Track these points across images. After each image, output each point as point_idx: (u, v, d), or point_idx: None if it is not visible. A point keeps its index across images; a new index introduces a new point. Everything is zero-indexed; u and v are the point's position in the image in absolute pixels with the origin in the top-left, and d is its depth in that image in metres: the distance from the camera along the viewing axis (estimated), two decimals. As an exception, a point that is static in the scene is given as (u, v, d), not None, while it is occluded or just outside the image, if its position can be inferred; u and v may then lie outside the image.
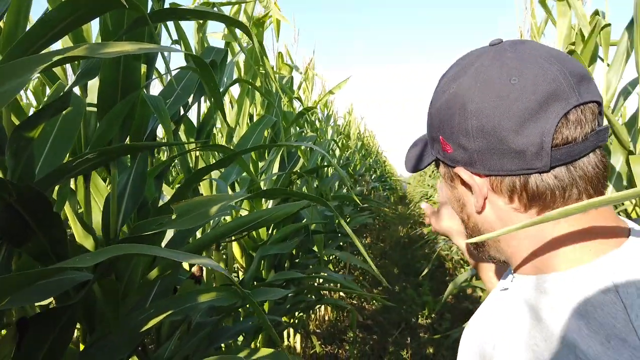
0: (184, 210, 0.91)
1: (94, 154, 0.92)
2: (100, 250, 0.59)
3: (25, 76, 0.58)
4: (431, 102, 0.58)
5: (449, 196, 0.61)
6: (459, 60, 0.56)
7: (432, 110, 0.57)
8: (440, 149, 0.57)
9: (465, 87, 0.51)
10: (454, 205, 0.61)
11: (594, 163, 0.49)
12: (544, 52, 0.50)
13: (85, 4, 0.81)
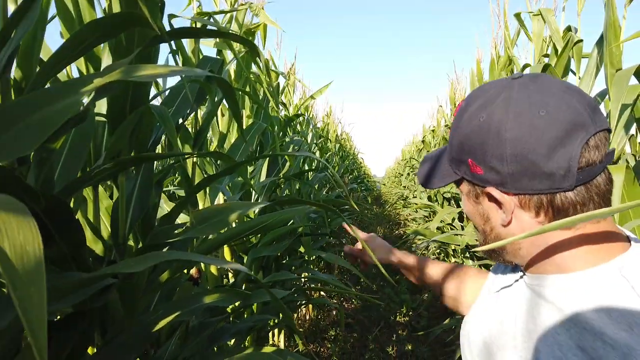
0: (202, 217, 0.97)
1: (110, 164, 0.97)
2: (143, 257, 0.65)
3: (74, 97, 0.63)
4: (457, 127, 0.65)
5: (471, 210, 0.69)
6: (480, 91, 0.64)
7: (459, 136, 0.64)
8: (467, 171, 0.65)
9: (498, 117, 0.58)
10: (476, 218, 0.69)
11: (605, 181, 0.59)
12: (560, 85, 0.59)
13: (110, 24, 0.86)
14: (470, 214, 0.70)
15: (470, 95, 0.66)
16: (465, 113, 0.64)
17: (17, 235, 0.38)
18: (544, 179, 0.57)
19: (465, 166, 0.65)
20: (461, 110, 0.65)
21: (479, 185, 0.64)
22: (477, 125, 0.61)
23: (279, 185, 2.75)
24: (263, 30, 2.79)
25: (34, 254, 0.38)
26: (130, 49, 1.06)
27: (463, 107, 0.65)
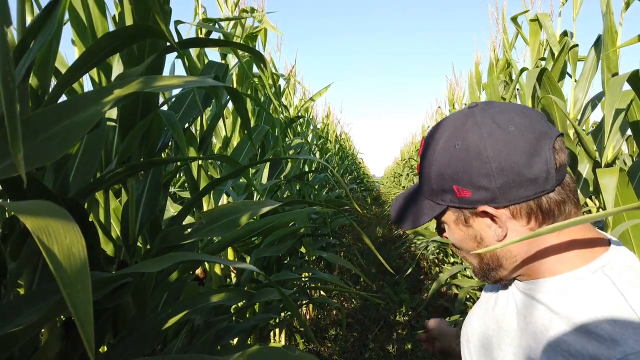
0: (213, 218, 1.01)
1: (123, 168, 1.01)
2: (161, 257, 0.69)
3: (96, 108, 0.67)
4: (432, 161, 0.68)
5: (461, 237, 0.70)
6: (442, 126, 0.69)
7: (437, 168, 0.67)
8: (453, 198, 0.67)
9: (474, 139, 0.63)
10: (468, 244, 0.70)
11: (571, 179, 0.65)
12: (514, 105, 0.66)
13: (123, 36, 0.90)
14: (460, 242, 0.71)
15: (431, 132, 0.70)
16: (435, 146, 0.68)
17: (64, 239, 0.42)
18: (530, 185, 0.62)
19: (450, 194, 0.67)
20: (427, 145, 0.69)
21: (468, 208, 0.67)
22: (454, 152, 0.65)
23: (280, 186, 2.79)
24: (264, 34, 2.84)
25: (79, 255, 0.42)
26: (141, 58, 1.10)
27: (429, 142, 0.69)
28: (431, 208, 0.70)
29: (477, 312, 0.83)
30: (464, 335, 0.85)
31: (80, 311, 0.38)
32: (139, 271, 0.71)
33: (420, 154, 0.71)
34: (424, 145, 0.71)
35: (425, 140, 0.71)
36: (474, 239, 0.69)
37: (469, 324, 0.85)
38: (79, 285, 0.40)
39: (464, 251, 0.72)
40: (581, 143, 1.88)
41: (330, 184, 5.14)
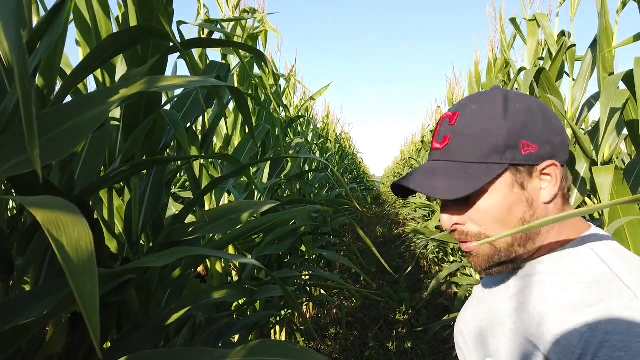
0: (215, 216, 1.03)
1: (126, 167, 1.03)
2: (166, 252, 0.71)
3: (103, 107, 0.69)
4: (486, 123, 0.67)
5: (511, 203, 0.67)
6: (485, 94, 0.72)
7: (498, 126, 0.67)
8: (517, 154, 0.66)
9: (531, 102, 0.69)
10: (518, 209, 0.68)
11: None
12: None
13: (128, 37, 0.92)
14: (504, 209, 0.68)
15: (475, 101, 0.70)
16: (488, 108, 0.69)
17: (72, 232, 0.44)
18: (566, 151, 0.68)
19: (515, 151, 0.66)
20: (472, 110, 0.69)
21: (530, 165, 0.67)
22: (521, 111, 0.67)
23: (280, 185, 2.81)
24: (264, 35, 2.86)
25: (86, 248, 0.44)
26: (145, 59, 1.12)
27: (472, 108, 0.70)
28: (487, 171, 0.67)
29: (469, 308, 0.85)
30: (459, 332, 0.86)
31: (87, 302, 0.40)
32: (143, 266, 0.73)
33: (454, 124, 0.69)
34: (460, 114, 0.69)
35: (464, 108, 0.69)
36: (525, 202, 0.68)
37: (461, 320, 0.87)
38: (86, 277, 0.42)
39: (503, 222, 0.68)
40: (578, 142, 1.89)
41: (331, 184, 5.16)
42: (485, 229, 0.68)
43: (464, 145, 0.68)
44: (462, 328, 0.85)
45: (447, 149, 0.69)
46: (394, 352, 3.80)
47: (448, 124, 0.70)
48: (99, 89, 0.83)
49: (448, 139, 0.69)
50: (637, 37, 1.20)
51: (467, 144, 0.68)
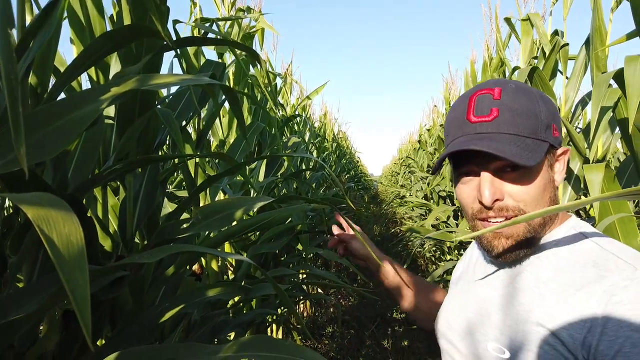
0: (208, 212, 1.03)
1: (121, 165, 1.04)
2: (157, 249, 0.71)
3: (95, 105, 0.70)
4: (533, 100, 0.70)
5: (545, 182, 0.71)
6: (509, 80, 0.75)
7: (542, 106, 0.70)
8: (551, 135, 0.70)
9: (543, 93, 0.73)
10: (547, 189, 0.71)
11: None
12: None
13: (121, 35, 0.93)
14: (540, 186, 0.70)
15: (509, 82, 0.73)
16: (536, 93, 0.72)
17: (63, 228, 0.44)
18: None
19: (550, 132, 0.70)
20: (517, 87, 0.72)
21: (556, 148, 0.73)
22: (541, 98, 0.71)
23: (277, 184, 2.81)
24: (261, 34, 2.86)
25: (77, 244, 0.44)
26: (139, 57, 1.12)
27: (516, 85, 0.72)
28: (540, 145, 0.69)
29: (453, 301, 0.87)
30: (443, 325, 0.87)
31: (78, 296, 0.41)
32: (135, 262, 0.74)
33: (500, 98, 0.70)
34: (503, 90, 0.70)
35: (505, 86, 0.71)
36: (550, 183, 0.72)
37: (445, 312, 0.88)
38: (77, 272, 0.42)
39: (538, 199, 0.70)
40: (572, 141, 1.90)
41: (328, 182, 5.17)
42: (525, 205, 0.69)
43: (515, 119, 0.68)
44: (447, 320, 0.85)
45: (498, 122, 0.69)
46: (390, 350, 3.81)
47: (492, 98, 0.70)
48: (91, 87, 0.84)
49: (497, 111, 0.69)
50: (630, 35, 1.21)
51: (519, 118, 0.68)
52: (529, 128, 0.68)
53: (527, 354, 0.66)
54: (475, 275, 0.84)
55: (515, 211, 0.69)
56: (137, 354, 0.78)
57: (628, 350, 0.57)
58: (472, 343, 0.77)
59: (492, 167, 0.70)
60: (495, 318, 0.73)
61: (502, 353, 0.69)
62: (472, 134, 0.70)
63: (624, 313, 0.58)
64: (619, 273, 0.62)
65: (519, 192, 0.69)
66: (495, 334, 0.72)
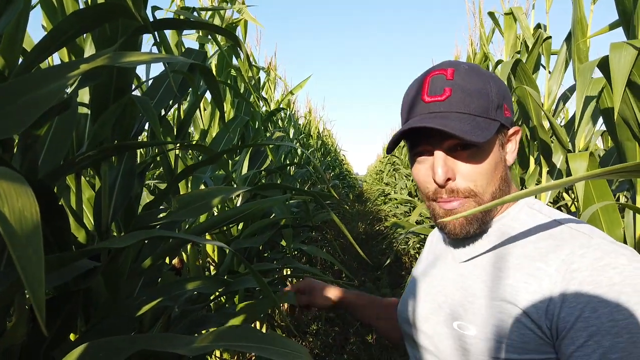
0: (185, 201, 1.00)
1: (94, 151, 0.99)
2: (129, 234, 0.68)
3: (61, 82, 0.66)
4: (485, 80, 0.72)
5: (496, 161, 0.73)
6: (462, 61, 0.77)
7: (492, 84, 0.72)
8: (502, 115, 0.73)
9: (494, 74, 0.76)
10: (498, 167, 0.73)
11: None
12: None
13: (93, 15, 0.88)
14: (491, 165, 0.72)
15: (461, 63, 0.75)
16: (486, 73, 0.74)
17: (16, 202, 0.41)
18: None
19: (501, 111, 0.72)
20: (470, 67, 0.74)
21: (507, 128, 0.75)
22: (493, 78, 0.74)
23: (260, 179, 2.78)
24: (243, 26, 2.82)
25: (31, 219, 0.41)
26: (114, 40, 1.08)
27: (468, 66, 0.74)
28: (491, 124, 0.71)
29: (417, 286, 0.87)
30: (408, 310, 0.86)
31: (31, 276, 0.37)
32: (107, 247, 0.70)
33: (452, 78, 0.71)
34: (456, 70, 0.72)
35: (458, 66, 0.73)
36: (502, 162, 0.74)
37: (409, 298, 0.87)
38: (31, 249, 0.39)
39: (489, 178, 0.72)
40: (555, 134, 1.91)
41: (312, 179, 5.14)
42: (475, 185, 0.71)
43: (467, 98, 0.70)
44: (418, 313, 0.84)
45: (450, 101, 0.70)
46: (375, 347, 3.80)
47: (445, 78, 0.72)
48: (58, 64, 0.80)
49: (449, 91, 0.71)
50: (612, 25, 1.21)
51: (470, 98, 0.70)
52: (480, 107, 0.70)
53: (491, 328, 0.67)
54: (435, 258, 0.86)
55: (465, 193, 0.72)
56: (108, 345, 0.75)
57: (588, 315, 0.59)
58: (437, 323, 0.77)
59: (445, 146, 0.72)
60: (458, 296, 0.75)
61: (467, 330, 0.70)
62: (426, 114, 0.72)
63: (582, 279, 0.60)
64: (575, 242, 0.65)
65: (471, 170, 0.71)
66: (459, 312, 0.73)
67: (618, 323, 0.57)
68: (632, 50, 1.05)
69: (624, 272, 0.59)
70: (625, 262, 0.60)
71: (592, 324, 0.58)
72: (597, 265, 0.61)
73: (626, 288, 0.58)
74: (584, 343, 0.59)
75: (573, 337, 0.60)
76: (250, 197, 2.26)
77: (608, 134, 2.08)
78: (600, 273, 0.60)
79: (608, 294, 0.58)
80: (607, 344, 0.57)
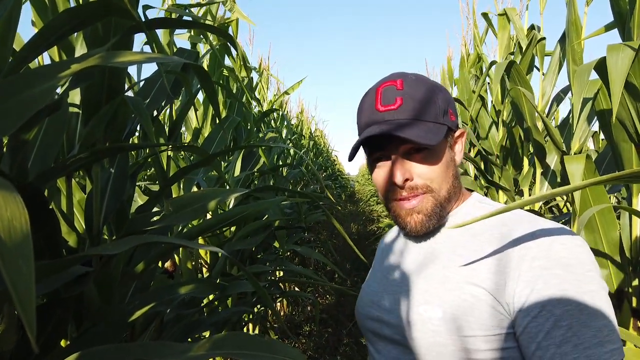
0: (180, 204, 0.97)
1: (86, 153, 0.97)
2: (121, 241, 0.66)
3: (51, 82, 0.64)
4: (430, 88, 0.79)
5: (446, 162, 0.80)
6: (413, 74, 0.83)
7: (437, 93, 0.79)
8: (449, 119, 0.79)
9: (437, 83, 0.82)
10: (449, 169, 0.81)
11: None
12: None
13: (86, 12, 0.86)
14: (443, 165, 0.79)
15: (409, 73, 0.82)
16: (431, 82, 0.81)
17: (5, 211, 0.39)
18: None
19: (448, 116, 0.79)
20: (417, 78, 0.81)
21: (454, 131, 0.82)
22: (437, 87, 0.81)
23: (253, 180, 2.76)
24: (235, 26, 2.79)
25: (21, 229, 0.39)
26: (107, 39, 1.05)
27: (416, 77, 0.81)
28: (440, 128, 0.78)
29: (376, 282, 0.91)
30: (367, 305, 0.89)
31: (21, 288, 0.35)
32: (98, 253, 0.68)
33: (402, 88, 0.78)
34: (404, 80, 0.79)
35: (406, 77, 0.80)
36: (453, 161, 0.81)
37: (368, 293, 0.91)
38: (21, 260, 0.37)
39: (442, 177, 0.79)
40: (549, 135, 1.91)
41: (305, 180, 5.12)
42: (431, 182, 0.78)
43: (417, 106, 0.77)
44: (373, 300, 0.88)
45: (402, 109, 0.77)
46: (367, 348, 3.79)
47: (396, 89, 0.79)
48: (49, 64, 0.77)
49: (401, 100, 0.78)
50: (608, 27, 1.20)
51: (420, 105, 0.77)
52: (430, 113, 0.77)
53: (456, 308, 0.72)
54: (393, 255, 0.90)
55: (423, 189, 0.79)
56: (101, 354, 0.72)
57: (540, 287, 0.65)
58: (402, 311, 0.80)
59: (401, 151, 0.78)
60: (421, 284, 0.79)
61: (433, 312, 0.75)
62: (381, 122, 0.78)
63: (534, 255, 0.67)
64: (525, 225, 0.72)
65: (426, 171, 0.78)
66: (425, 298, 0.77)
67: (567, 293, 0.63)
68: (630, 52, 1.04)
69: (568, 246, 0.67)
70: (569, 239, 0.68)
71: (544, 295, 0.64)
72: (546, 242, 0.68)
73: (572, 260, 0.66)
74: (538, 314, 0.64)
75: (528, 309, 0.65)
76: (243, 199, 2.24)
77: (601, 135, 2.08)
78: (549, 248, 0.67)
79: (557, 267, 0.65)
80: (558, 312, 0.63)
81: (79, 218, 1.39)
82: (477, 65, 2.85)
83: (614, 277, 1.34)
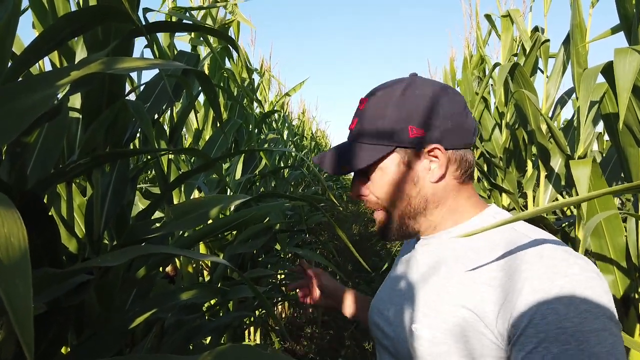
0: (181, 211, 0.96)
1: (87, 159, 0.95)
2: (121, 251, 0.64)
3: (51, 90, 0.62)
4: (382, 109, 0.75)
5: (398, 179, 0.77)
6: (393, 82, 0.79)
7: (392, 112, 0.75)
8: (405, 138, 0.74)
9: (430, 90, 0.75)
10: (404, 186, 0.77)
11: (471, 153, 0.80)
12: None
13: (86, 17, 0.85)
14: (393, 185, 0.77)
15: (377, 89, 0.79)
16: (388, 96, 0.76)
17: (2, 228, 0.37)
18: (464, 134, 0.75)
19: (403, 134, 0.75)
20: (376, 98, 0.77)
21: (416, 148, 0.75)
22: (413, 97, 0.75)
23: (254, 182, 2.74)
24: (236, 27, 2.78)
25: (18, 246, 0.37)
26: (107, 43, 1.04)
27: (376, 95, 0.78)
28: (374, 151, 0.76)
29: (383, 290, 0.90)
30: (375, 313, 0.89)
31: (18, 307, 0.34)
32: (98, 265, 0.67)
33: (362, 108, 0.78)
34: (368, 100, 0.78)
35: (373, 95, 0.78)
36: (411, 180, 0.77)
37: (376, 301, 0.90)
38: (18, 278, 0.35)
39: (393, 196, 0.77)
40: (553, 138, 1.89)
41: (306, 181, 5.11)
42: (381, 200, 0.79)
43: (363, 128, 0.77)
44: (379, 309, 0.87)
45: (353, 131, 0.79)
46: (370, 351, 3.78)
47: (359, 108, 0.79)
48: (48, 71, 0.76)
49: (356, 122, 0.79)
50: (614, 29, 1.19)
51: (366, 127, 0.77)
52: (371, 135, 0.76)
53: (445, 332, 0.70)
54: (402, 262, 0.89)
55: (375, 206, 0.81)
56: (101, 367, 0.71)
57: (537, 321, 0.61)
58: (398, 326, 0.79)
59: None
60: (419, 300, 0.77)
61: (423, 332, 0.72)
62: (336, 145, 0.82)
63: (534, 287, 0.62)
64: (529, 251, 0.67)
65: (375, 189, 0.79)
66: (418, 316, 0.75)
67: (566, 330, 0.58)
68: (637, 56, 1.03)
69: (574, 280, 0.61)
70: (577, 271, 0.62)
71: (541, 331, 0.60)
72: (549, 273, 0.63)
73: (575, 297, 0.60)
74: (533, 349, 0.60)
75: (523, 343, 0.61)
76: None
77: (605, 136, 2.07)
78: (551, 281, 0.62)
79: (557, 302, 0.60)
80: (556, 350, 0.58)
81: (79, 223, 1.37)
82: (479, 67, 2.84)
83: (620, 283, 1.32)
